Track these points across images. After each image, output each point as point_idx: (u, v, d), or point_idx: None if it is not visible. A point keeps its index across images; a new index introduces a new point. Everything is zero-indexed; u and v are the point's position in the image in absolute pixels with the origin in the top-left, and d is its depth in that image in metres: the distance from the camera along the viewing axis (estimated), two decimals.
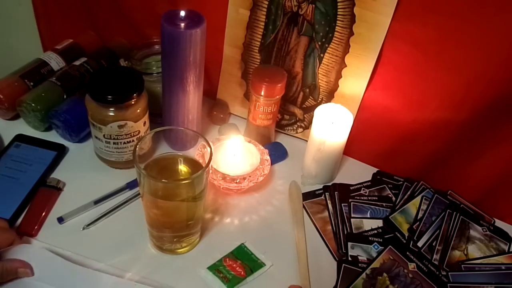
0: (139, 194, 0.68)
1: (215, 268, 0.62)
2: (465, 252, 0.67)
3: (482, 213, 0.74)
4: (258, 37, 0.77)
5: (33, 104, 0.74)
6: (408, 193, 0.74)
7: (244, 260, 0.64)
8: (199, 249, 0.66)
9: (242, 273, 0.62)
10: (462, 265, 0.66)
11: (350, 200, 0.72)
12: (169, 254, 0.64)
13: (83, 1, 0.91)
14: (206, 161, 0.57)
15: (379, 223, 0.70)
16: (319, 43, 0.73)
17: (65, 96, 0.78)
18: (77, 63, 0.82)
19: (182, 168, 0.64)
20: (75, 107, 0.74)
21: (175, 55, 0.66)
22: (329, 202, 0.73)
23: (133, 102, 0.67)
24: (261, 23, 0.75)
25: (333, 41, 0.72)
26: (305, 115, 0.81)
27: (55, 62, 0.83)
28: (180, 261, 0.64)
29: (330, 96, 0.77)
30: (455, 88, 0.67)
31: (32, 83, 0.79)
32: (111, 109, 0.66)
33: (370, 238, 0.67)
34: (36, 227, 0.64)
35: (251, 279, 0.62)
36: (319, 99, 0.78)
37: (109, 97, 0.65)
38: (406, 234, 0.68)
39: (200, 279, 0.62)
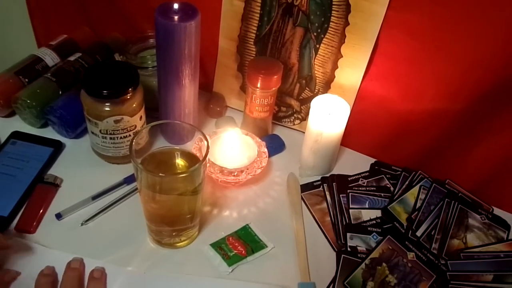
0: (136, 189, 0.68)
1: (217, 245, 0.64)
2: (464, 241, 0.68)
3: (481, 201, 0.74)
4: (253, 29, 0.76)
5: (28, 101, 0.74)
6: (406, 182, 0.74)
7: (246, 240, 0.65)
8: (198, 243, 0.66)
9: (243, 252, 0.63)
10: (461, 254, 0.66)
11: (348, 190, 0.72)
12: (168, 248, 0.64)
13: None
14: (203, 155, 0.57)
15: (377, 213, 0.70)
16: (315, 33, 0.72)
17: (60, 92, 0.77)
18: (71, 58, 0.81)
19: (180, 162, 0.64)
20: (71, 103, 0.74)
21: (170, 49, 0.65)
22: (327, 193, 0.73)
23: (128, 97, 0.67)
24: (256, 15, 0.75)
25: (328, 31, 0.71)
26: (302, 107, 0.81)
27: (50, 58, 0.82)
28: (179, 254, 0.64)
29: (326, 87, 0.77)
30: (452, 77, 0.67)
31: (27, 80, 0.78)
32: (106, 104, 0.66)
33: (369, 229, 0.68)
34: (34, 224, 0.64)
35: (252, 258, 0.63)
36: (316, 90, 0.78)
37: (105, 92, 0.65)
38: (405, 224, 0.68)
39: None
